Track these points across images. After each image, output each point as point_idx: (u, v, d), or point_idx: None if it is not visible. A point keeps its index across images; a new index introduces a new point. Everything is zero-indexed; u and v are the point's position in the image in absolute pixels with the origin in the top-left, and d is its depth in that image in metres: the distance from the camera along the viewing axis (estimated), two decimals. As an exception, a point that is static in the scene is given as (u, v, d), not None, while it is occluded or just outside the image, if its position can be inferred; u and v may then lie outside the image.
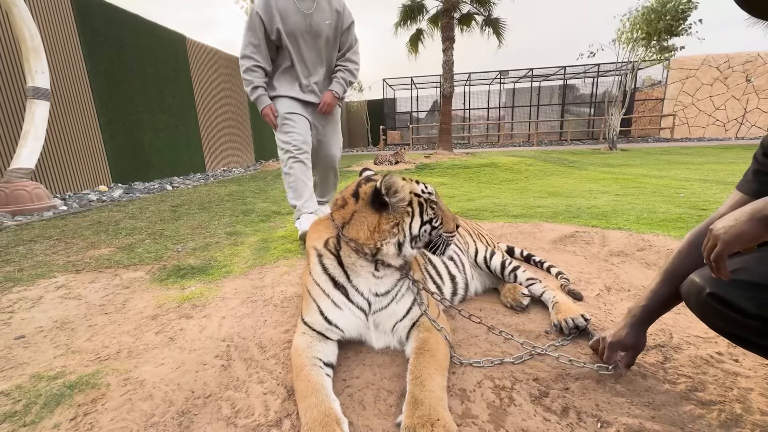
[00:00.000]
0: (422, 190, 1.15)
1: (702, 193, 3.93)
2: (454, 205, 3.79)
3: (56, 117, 4.98)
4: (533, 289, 1.51)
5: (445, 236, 1.16)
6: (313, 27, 2.42)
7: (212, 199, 4.59)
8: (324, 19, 2.44)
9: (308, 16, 2.39)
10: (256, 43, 2.39)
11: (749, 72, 15.20)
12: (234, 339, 1.34)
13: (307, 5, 2.40)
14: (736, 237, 0.71)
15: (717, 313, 0.82)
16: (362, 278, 1.12)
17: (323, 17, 2.44)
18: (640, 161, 8.28)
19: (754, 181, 0.91)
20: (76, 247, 2.62)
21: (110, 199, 4.82)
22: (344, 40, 2.60)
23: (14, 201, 3.85)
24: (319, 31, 2.44)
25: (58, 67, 5.06)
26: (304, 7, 2.39)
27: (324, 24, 2.45)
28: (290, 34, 2.40)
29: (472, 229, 1.82)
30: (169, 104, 7.17)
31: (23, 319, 1.56)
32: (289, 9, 2.37)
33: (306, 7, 2.39)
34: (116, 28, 6.00)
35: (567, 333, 1.27)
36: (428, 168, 7.02)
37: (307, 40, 2.44)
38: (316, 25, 2.42)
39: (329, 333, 1.12)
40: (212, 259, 2.27)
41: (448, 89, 10.28)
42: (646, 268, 1.89)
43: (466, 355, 1.19)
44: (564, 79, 19.10)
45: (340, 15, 2.51)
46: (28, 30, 4.05)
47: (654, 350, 1.19)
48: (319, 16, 2.42)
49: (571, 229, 2.58)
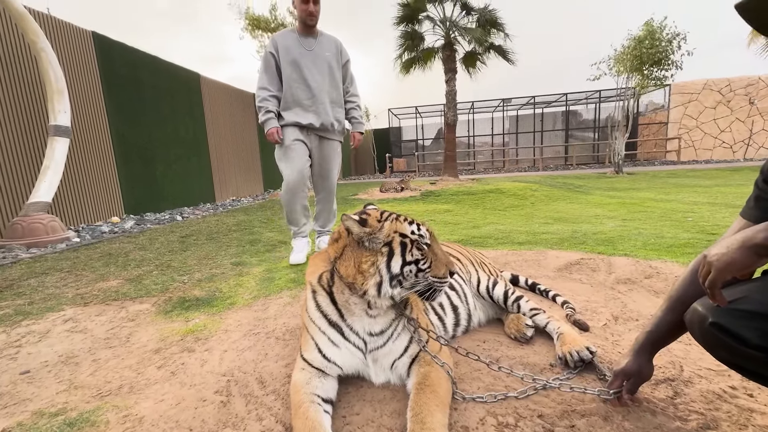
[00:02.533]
0: (412, 231, 1.10)
1: (711, 217, 3.88)
2: (458, 232, 3.79)
3: (75, 152, 5.20)
4: (537, 320, 1.49)
5: (433, 281, 1.08)
6: (316, 57, 2.74)
7: (220, 229, 4.66)
8: (325, 51, 2.77)
9: (311, 52, 2.74)
10: (271, 77, 2.71)
11: (752, 95, 15.31)
12: (234, 373, 1.34)
13: (309, 43, 2.74)
14: (728, 265, 0.71)
15: (721, 344, 0.80)
16: (356, 317, 1.11)
17: (324, 50, 2.77)
18: (647, 185, 8.24)
19: (755, 208, 0.91)
20: (85, 279, 2.66)
21: (122, 231, 4.93)
22: (344, 73, 2.91)
23: (30, 234, 3.97)
24: (322, 60, 2.76)
25: (80, 105, 5.34)
26: (306, 44, 2.73)
27: (326, 55, 2.77)
28: (295, 62, 2.69)
29: (475, 258, 1.82)
30: (183, 137, 7.45)
31: (30, 353, 1.58)
32: (293, 45, 2.71)
33: (308, 45, 2.74)
34: (135, 69, 6.36)
35: (572, 366, 1.24)
36: (434, 195, 7.08)
37: (311, 68, 2.72)
38: (319, 56, 2.75)
39: (328, 369, 1.11)
40: (217, 291, 2.29)
41: (452, 118, 10.52)
42: (654, 297, 1.85)
43: (468, 389, 1.16)
44: (566, 105, 19.44)
45: (339, 49, 2.86)
46: (54, 73, 4.33)
47: (664, 384, 1.15)
48: (320, 50, 2.76)
49: (576, 256, 2.55)
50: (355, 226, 1.05)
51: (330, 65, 2.78)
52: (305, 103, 2.72)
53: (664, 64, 10.31)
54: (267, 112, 2.67)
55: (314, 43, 2.75)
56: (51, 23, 5.00)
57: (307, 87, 2.71)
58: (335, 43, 2.85)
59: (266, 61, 2.71)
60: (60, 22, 5.14)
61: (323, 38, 2.80)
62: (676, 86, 15.99)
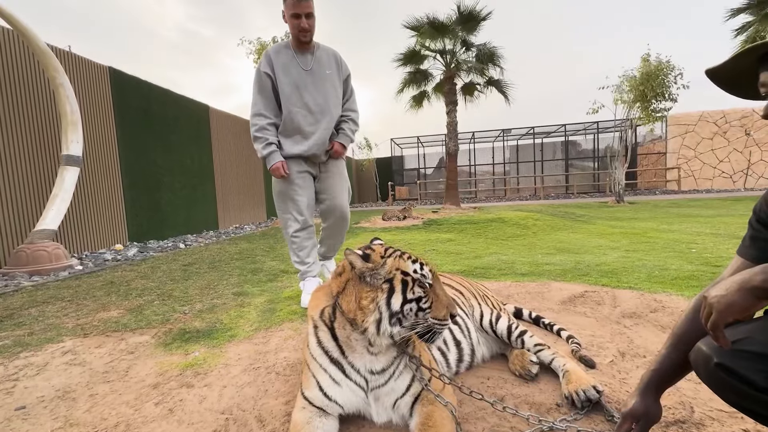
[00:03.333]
0: (414, 270, 1.09)
1: (714, 248, 3.86)
2: (461, 263, 3.78)
3: (84, 180, 5.32)
4: (542, 356, 1.46)
5: (433, 322, 1.07)
6: (315, 78, 2.47)
7: (222, 257, 4.67)
8: (325, 68, 2.50)
9: (310, 71, 2.46)
10: (267, 100, 2.44)
11: (747, 126, 15.63)
12: (233, 411, 1.31)
13: (306, 61, 2.47)
14: (728, 307, 0.71)
15: (727, 386, 0.78)
16: (358, 354, 1.10)
17: (323, 67, 2.50)
18: (649, 214, 8.25)
19: (751, 247, 0.92)
20: (86, 308, 2.65)
21: (124, 258, 4.94)
22: (345, 88, 2.65)
23: (34, 261, 3.99)
24: (322, 80, 2.49)
25: (92, 135, 5.52)
26: (304, 62, 2.46)
27: (325, 73, 2.50)
28: (294, 85, 2.43)
29: (477, 291, 1.81)
30: (189, 166, 7.62)
31: (26, 387, 1.55)
32: (290, 65, 2.43)
33: (306, 63, 2.46)
34: (147, 101, 6.62)
35: (580, 406, 1.21)
36: (436, 223, 7.10)
37: (312, 90, 2.46)
38: (319, 76, 2.48)
39: (329, 408, 1.09)
40: (218, 322, 2.27)
41: (453, 148, 10.75)
42: (660, 332, 1.82)
43: (473, 430, 1.13)
44: (565, 135, 19.85)
45: (339, 65, 2.58)
46: (70, 106, 4.51)
47: (674, 426, 1.12)
48: (319, 68, 2.48)
49: (580, 289, 2.53)
50: (358, 260, 1.06)
51: (332, 84, 2.52)
52: (307, 130, 2.45)
53: (664, 98, 10.65)
54: (268, 144, 2.39)
55: (312, 60, 2.47)
56: (71, 60, 5.27)
57: (309, 112, 2.45)
58: (335, 57, 2.57)
59: (260, 82, 2.42)
60: (79, 58, 5.41)
61: (321, 53, 2.51)
62: (672, 118, 16.37)
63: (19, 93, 4.58)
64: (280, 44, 2.50)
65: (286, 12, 2.36)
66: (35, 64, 4.73)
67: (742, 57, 0.78)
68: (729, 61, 0.80)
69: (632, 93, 10.81)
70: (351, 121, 2.65)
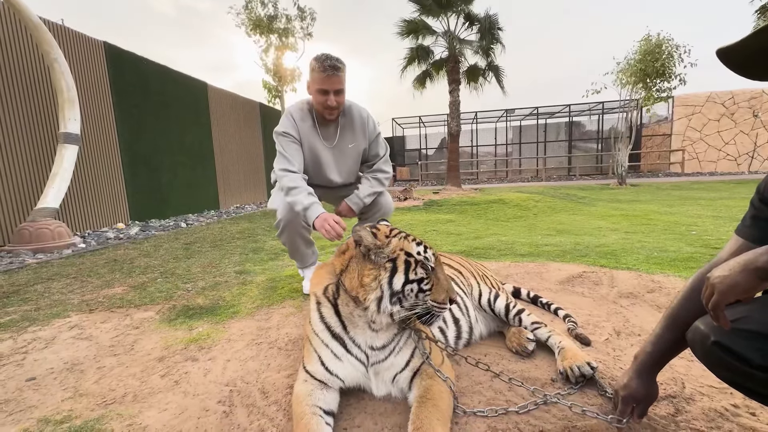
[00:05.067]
0: (418, 252, 1.10)
1: (714, 231, 3.87)
2: (461, 243, 3.80)
3: (83, 159, 5.29)
4: (539, 334, 1.49)
5: (432, 305, 1.08)
6: (338, 153, 2.21)
7: (224, 236, 4.70)
8: (348, 143, 2.22)
9: (333, 147, 2.20)
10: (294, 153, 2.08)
11: (755, 108, 15.33)
12: (237, 383, 1.35)
13: (329, 134, 2.18)
14: (731, 288, 0.72)
15: (723, 363, 0.80)
16: (359, 329, 1.13)
17: (347, 141, 2.22)
18: (651, 197, 8.22)
19: (752, 227, 0.91)
20: (91, 285, 2.69)
21: (127, 237, 4.98)
22: (374, 149, 2.30)
23: (37, 239, 4.02)
24: (344, 156, 2.24)
25: (89, 113, 5.45)
26: (327, 136, 2.17)
27: (349, 147, 2.23)
28: (315, 161, 2.19)
29: (477, 270, 1.83)
30: (189, 145, 7.56)
31: (36, 360, 1.60)
32: (312, 137, 2.14)
33: (329, 138, 2.18)
34: (145, 78, 6.49)
35: (574, 381, 1.24)
36: (437, 204, 7.10)
37: (332, 166, 2.23)
38: (342, 151, 2.23)
39: (330, 382, 1.12)
40: (221, 299, 2.31)
41: (455, 128, 10.60)
42: (656, 311, 1.85)
43: (469, 403, 1.17)
44: (569, 116, 19.52)
45: (365, 129, 2.24)
46: (65, 82, 4.43)
47: (665, 401, 1.15)
48: (343, 143, 2.21)
49: (579, 269, 2.55)
50: (368, 236, 1.07)
51: (355, 156, 2.26)
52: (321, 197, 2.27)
53: (667, 77, 10.39)
54: (308, 195, 1.94)
55: (336, 132, 2.18)
56: (64, 34, 5.14)
57: (329, 186, 2.26)
58: (361, 121, 2.22)
59: (285, 140, 2.08)
60: (73, 32, 5.27)
61: (346, 121, 2.19)
62: (679, 99, 16.05)
63: (14, 69, 4.49)
64: (303, 106, 2.15)
65: (312, 85, 2.02)
66: (29, 38, 4.61)
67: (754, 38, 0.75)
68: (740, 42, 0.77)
69: (632, 75, 10.56)
70: (375, 180, 2.26)
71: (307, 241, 2.30)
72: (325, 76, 1.94)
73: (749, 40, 0.76)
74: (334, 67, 1.94)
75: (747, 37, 0.77)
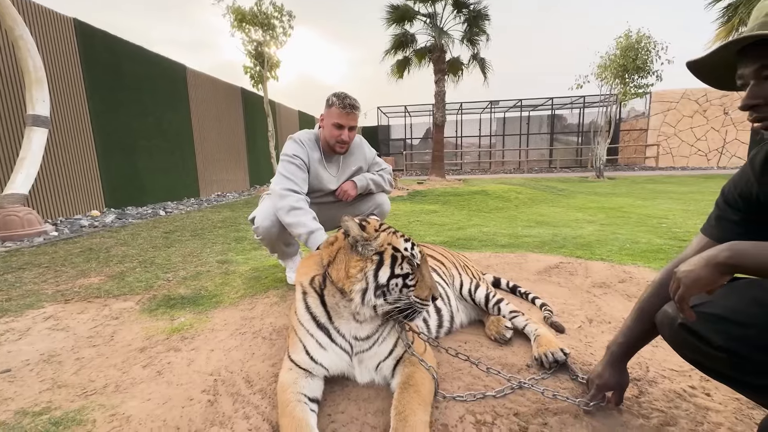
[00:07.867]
0: (405, 248, 1.12)
1: (683, 224, 4.07)
2: (444, 233, 3.86)
3: (53, 143, 5.04)
4: (516, 322, 1.55)
5: (415, 300, 1.10)
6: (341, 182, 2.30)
7: (205, 225, 4.61)
8: (349, 174, 2.32)
9: (336, 179, 2.28)
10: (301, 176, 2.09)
11: (726, 105, 15.97)
12: (221, 373, 1.36)
13: (334, 167, 2.27)
14: (694, 281, 0.77)
15: (687, 344, 0.87)
16: (344, 320, 1.15)
17: (348, 172, 2.32)
18: (626, 190, 8.52)
19: (716, 227, 0.97)
20: (65, 275, 2.61)
21: (102, 225, 4.82)
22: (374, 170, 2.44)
23: (5, 227, 3.84)
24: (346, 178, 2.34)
25: (60, 94, 5.18)
26: (332, 169, 2.26)
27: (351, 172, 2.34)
28: (320, 190, 2.25)
29: (458, 261, 1.88)
30: (166, 130, 7.30)
31: (9, 351, 1.56)
32: (318, 168, 2.20)
33: (334, 170, 2.27)
34: (118, 59, 6.19)
35: (548, 367, 1.31)
36: (420, 195, 7.15)
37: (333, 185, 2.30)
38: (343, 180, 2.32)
39: (315, 370, 1.14)
40: (203, 289, 2.29)
41: (440, 118, 10.63)
42: (626, 300, 1.95)
43: (449, 389, 1.22)
44: (552, 109, 19.84)
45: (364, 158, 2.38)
46: (32, 61, 4.19)
47: (630, 383, 1.23)
48: (344, 175, 2.31)
49: (556, 260, 2.65)
50: (355, 227, 1.09)
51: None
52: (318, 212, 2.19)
53: (644, 73, 10.66)
54: (314, 219, 1.93)
55: (340, 165, 2.28)
56: (31, 9, 4.83)
57: (327, 212, 2.29)
58: (360, 150, 2.36)
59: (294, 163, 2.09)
60: (40, 7, 4.96)
61: (351, 158, 2.31)
62: (656, 94, 16.53)
63: (-27, 44, 4.20)
64: (312, 137, 2.22)
65: (327, 118, 2.11)
66: (-10, 12, 4.31)
67: (721, 51, 0.81)
68: (708, 55, 0.83)
69: (611, 70, 10.81)
70: (380, 177, 2.40)
71: (288, 243, 2.31)
72: (344, 113, 2.08)
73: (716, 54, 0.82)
74: (352, 106, 2.10)
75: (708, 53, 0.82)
